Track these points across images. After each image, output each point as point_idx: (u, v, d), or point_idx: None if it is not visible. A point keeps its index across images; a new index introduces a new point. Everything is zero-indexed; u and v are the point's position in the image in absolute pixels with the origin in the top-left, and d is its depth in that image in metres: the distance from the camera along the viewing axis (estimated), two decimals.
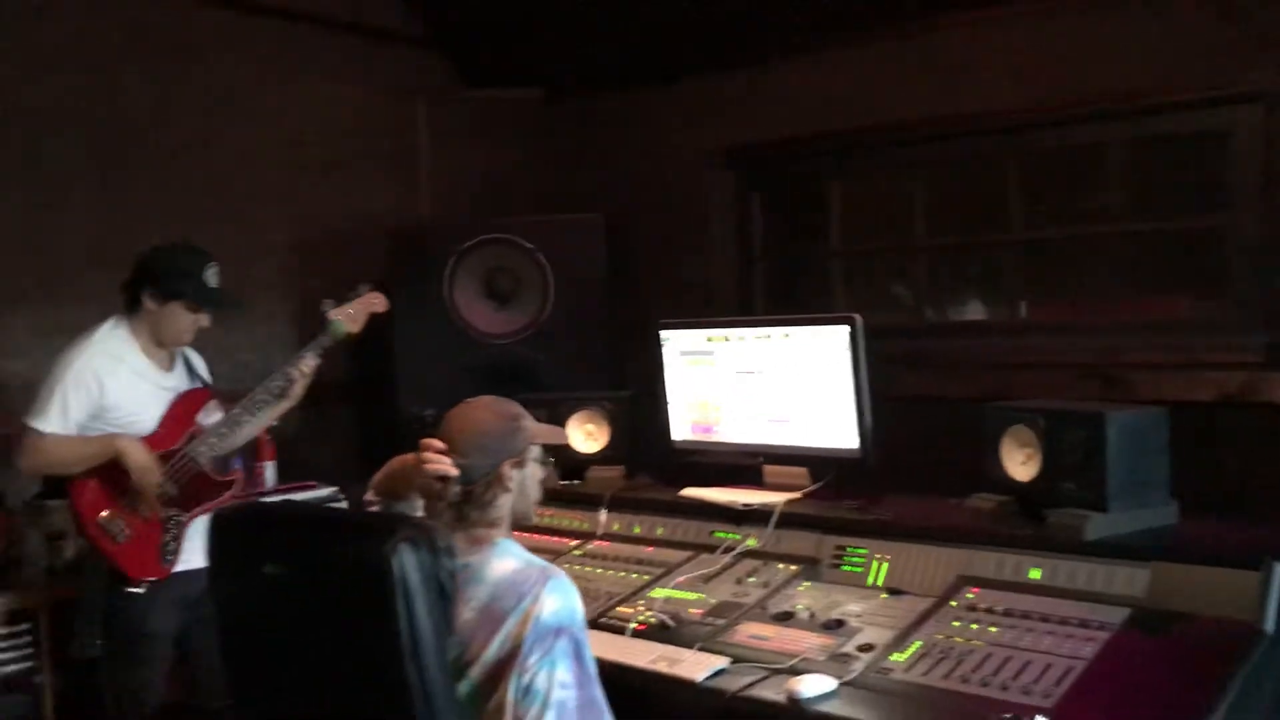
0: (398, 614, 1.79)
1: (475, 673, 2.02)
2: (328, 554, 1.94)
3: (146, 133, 4.03)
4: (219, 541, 2.10)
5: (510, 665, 2.01)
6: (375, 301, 3.46)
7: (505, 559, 2.14)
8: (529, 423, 2.27)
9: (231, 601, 2.12)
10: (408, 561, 1.80)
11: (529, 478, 2.27)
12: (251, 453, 3.41)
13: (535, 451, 2.29)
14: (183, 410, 3.24)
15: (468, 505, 2.17)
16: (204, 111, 4.17)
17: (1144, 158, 3.60)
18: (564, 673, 2.03)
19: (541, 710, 2.00)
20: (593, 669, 2.10)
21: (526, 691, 2.00)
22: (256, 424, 3.37)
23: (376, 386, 4.24)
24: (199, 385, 3.32)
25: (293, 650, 2.01)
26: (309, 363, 3.31)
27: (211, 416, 3.28)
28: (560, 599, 2.06)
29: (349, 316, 3.40)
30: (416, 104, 4.72)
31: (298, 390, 3.33)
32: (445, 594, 1.88)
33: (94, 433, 3.10)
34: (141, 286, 3.16)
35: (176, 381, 3.28)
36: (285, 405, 3.35)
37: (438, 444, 2.17)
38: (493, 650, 2.03)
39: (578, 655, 2.06)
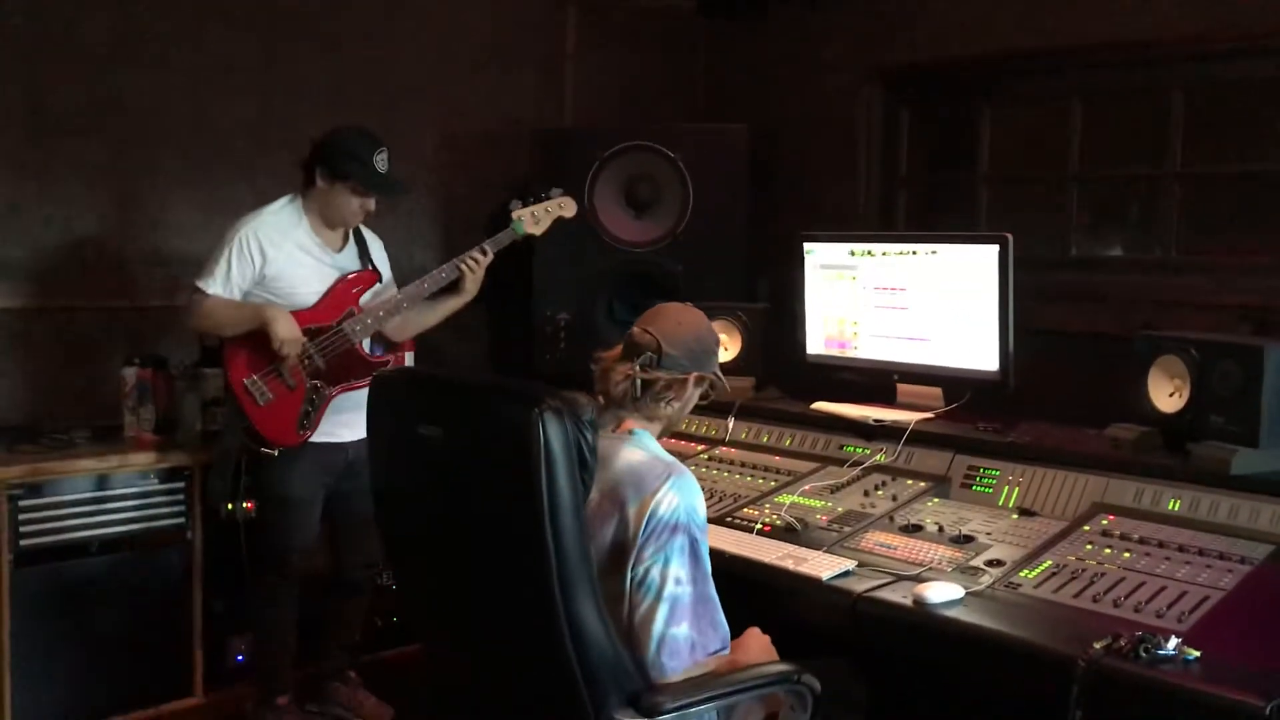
0: (540, 477, 1.84)
1: (594, 555, 2.04)
2: (479, 417, 2.01)
3: (311, 22, 4.12)
4: (379, 403, 2.18)
5: (625, 553, 2.05)
6: (564, 205, 3.48)
7: (636, 449, 2.18)
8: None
9: (387, 462, 2.21)
10: (551, 428, 1.85)
11: (691, 401, 2.33)
12: (394, 342, 3.51)
13: (709, 381, 2.34)
14: (345, 289, 3.34)
15: (647, 388, 2.22)
16: (366, 6, 4.24)
17: None
18: (678, 568, 2.06)
19: (655, 603, 2.04)
20: (708, 568, 2.13)
21: (640, 583, 2.05)
22: (429, 314, 3.45)
23: (513, 288, 4.32)
24: (369, 269, 3.42)
25: (441, 510, 2.09)
26: (476, 256, 3.36)
27: (376, 299, 3.36)
28: (680, 496, 2.08)
29: (532, 218, 3.42)
30: (568, 8, 4.71)
31: (469, 285, 3.38)
32: (586, 466, 1.93)
33: (256, 299, 3.24)
34: (315, 166, 3.25)
35: (346, 262, 3.38)
36: (460, 300, 3.43)
37: None
38: (608, 535, 2.07)
39: (693, 553, 2.09)
